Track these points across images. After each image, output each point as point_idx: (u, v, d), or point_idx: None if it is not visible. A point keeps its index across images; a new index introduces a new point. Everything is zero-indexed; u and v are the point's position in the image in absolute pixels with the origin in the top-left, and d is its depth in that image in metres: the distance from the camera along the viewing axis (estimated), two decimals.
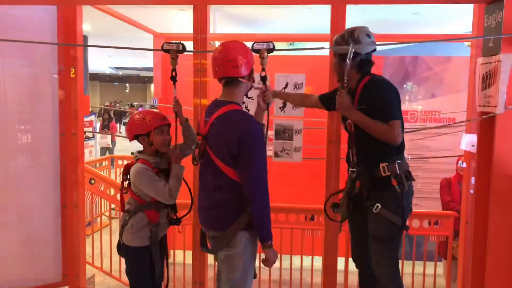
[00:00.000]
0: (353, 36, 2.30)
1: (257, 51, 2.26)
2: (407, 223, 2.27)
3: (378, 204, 2.26)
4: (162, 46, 2.40)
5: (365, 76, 2.34)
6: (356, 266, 2.64)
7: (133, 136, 2.41)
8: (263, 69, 2.27)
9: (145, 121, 2.37)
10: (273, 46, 2.29)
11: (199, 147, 2.13)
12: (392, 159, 2.26)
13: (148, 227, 2.38)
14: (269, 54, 2.28)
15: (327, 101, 2.65)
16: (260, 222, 2.04)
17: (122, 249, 2.48)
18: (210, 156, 2.08)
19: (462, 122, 2.89)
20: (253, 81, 2.20)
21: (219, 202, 2.08)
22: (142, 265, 2.41)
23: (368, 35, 2.34)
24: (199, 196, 2.24)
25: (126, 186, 2.44)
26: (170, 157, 2.40)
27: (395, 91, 2.30)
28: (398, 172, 2.25)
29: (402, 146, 2.33)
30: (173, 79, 2.38)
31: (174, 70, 2.38)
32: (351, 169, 2.38)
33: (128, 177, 2.41)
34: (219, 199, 2.08)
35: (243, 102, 2.20)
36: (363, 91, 2.30)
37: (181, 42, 2.41)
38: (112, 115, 15.98)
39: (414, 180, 2.35)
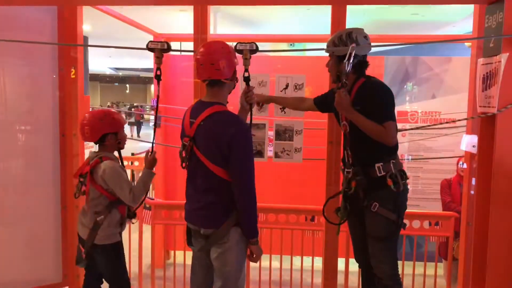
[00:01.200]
0: (351, 37, 2.31)
1: (240, 51, 2.27)
2: (407, 223, 2.25)
3: (376, 203, 2.29)
4: (147, 45, 2.39)
5: (360, 78, 2.36)
6: (359, 266, 2.64)
7: (101, 135, 2.42)
8: (246, 70, 2.28)
9: (115, 120, 2.45)
10: (256, 47, 2.30)
11: (186, 148, 2.13)
12: (387, 159, 2.30)
13: (120, 221, 2.47)
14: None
15: (321, 103, 2.69)
16: (248, 220, 2.09)
17: (85, 258, 2.47)
18: (199, 157, 2.10)
19: (462, 120, 2.88)
20: (237, 81, 2.21)
21: (212, 202, 2.12)
22: (121, 258, 2.51)
23: (365, 37, 2.35)
24: (188, 196, 2.26)
25: (84, 187, 2.42)
26: (145, 161, 2.45)
27: (390, 93, 2.32)
28: (393, 171, 2.29)
29: (396, 146, 2.36)
30: (158, 77, 2.38)
31: (158, 68, 2.38)
32: (346, 170, 2.39)
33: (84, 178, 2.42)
34: (211, 199, 2.11)
35: (227, 102, 2.20)
36: (358, 92, 2.32)
37: (166, 41, 2.41)
38: None
39: (408, 178, 2.39)
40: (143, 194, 2.40)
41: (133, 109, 26.12)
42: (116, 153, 2.56)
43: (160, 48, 2.37)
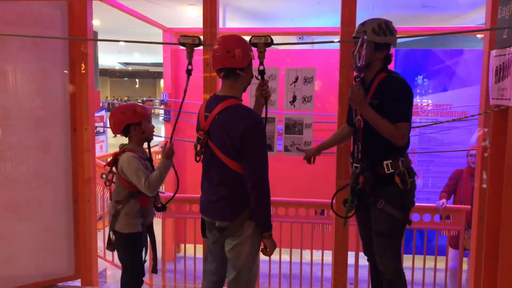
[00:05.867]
0: (390, 28, 2.27)
1: (255, 45, 2.25)
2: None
3: (382, 200, 2.27)
4: (179, 40, 2.41)
5: (381, 72, 2.30)
6: (368, 260, 2.65)
7: (124, 126, 2.50)
8: (261, 63, 2.26)
9: (137, 111, 2.51)
10: (271, 40, 2.27)
11: (200, 142, 2.14)
12: (396, 157, 2.26)
13: (140, 212, 2.52)
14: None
15: (351, 120, 2.54)
16: (262, 214, 2.09)
17: (112, 243, 2.59)
18: (213, 151, 2.10)
19: (476, 115, 2.85)
20: (252, 76, 2.19)
21: (226, 195, 2.12)
22: (137, 249, 2.57)
23: None
24: (203, 189, 2.27)
25: (112, 177, 2.54)
26: (162, 152, 2.50)
27: (410, 92, 2.27)
28: (401, 169, 2.25)
29: (407, 144, 2.31)
30: (188, 72, 2.39)
31: (190, 64, 2.39)
32: (354, 165, 2.37)
33: (114, 167, 2.53)
34: (226, 193, 2.12)
35: (241, 100, 2.18)
36: (378, 86, 2.27)
37: (198, 36, 2.42)
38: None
39: (416, 175, 2.35)
40: (158, 183, 2.45)
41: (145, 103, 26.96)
42: (146, 145, 2.63)
43: (191, 43, 2.38)
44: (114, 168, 2.52)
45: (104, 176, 2.59)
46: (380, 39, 2.25)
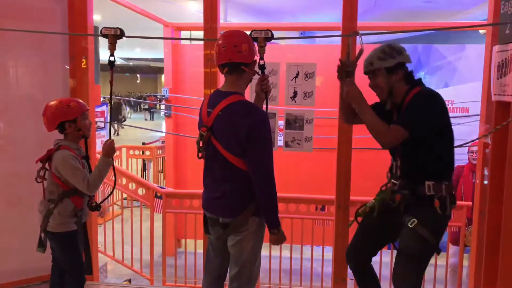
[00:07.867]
0: (394, 48, 2.18)
1: (255, 39, 2.22)
2: None
3: (415, 220, 2.12)
4: (100, 31, 2.39)
5: (414, 88, 2.17)
6: (351, 266, 2.43)
7: (58, 123, 2.38)
8: (261, 58, 2.24)
9: (71, 107, 2.39)
10: (272, 34, 2.25)
11: (203, 138, 2.11)
12: (440, 179, 2.13)
13: (74, 212, 2.42)
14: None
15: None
16: (269, 210, 2.08)
17: (43, 244, 2.48)
18: (216, 147, 2.08)
19: (477, 115, 2.83)
20: (254, 73, 2.17)
21: (230, 191, 2.11)
22: (73, 246, 2.47)
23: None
24: (206, 185, 2.25)
25: (44, 174, 2.43)
26: (102, 149, 2.41)
27: (430, 109, 2.09)
28: (443, 193, 2.12)
29: (451, 166, 2.19)
30: (111, 64, 2.40)
31: (112, 55, 2.40)
32: (393, 181, 2.25)
33: (47, 165, 2.42)
34: (229, 189, 2.10)
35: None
36: (410, 101, 2.14)
37: (119, 27, 2.40)
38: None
39: (455, 204, 2.18)
40: (98, 182, 2.38)
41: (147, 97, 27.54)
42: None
43: (113, 34, 2.37)
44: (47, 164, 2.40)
45: (38, 171, 2.44)
46: (389, 63, 2.15)
